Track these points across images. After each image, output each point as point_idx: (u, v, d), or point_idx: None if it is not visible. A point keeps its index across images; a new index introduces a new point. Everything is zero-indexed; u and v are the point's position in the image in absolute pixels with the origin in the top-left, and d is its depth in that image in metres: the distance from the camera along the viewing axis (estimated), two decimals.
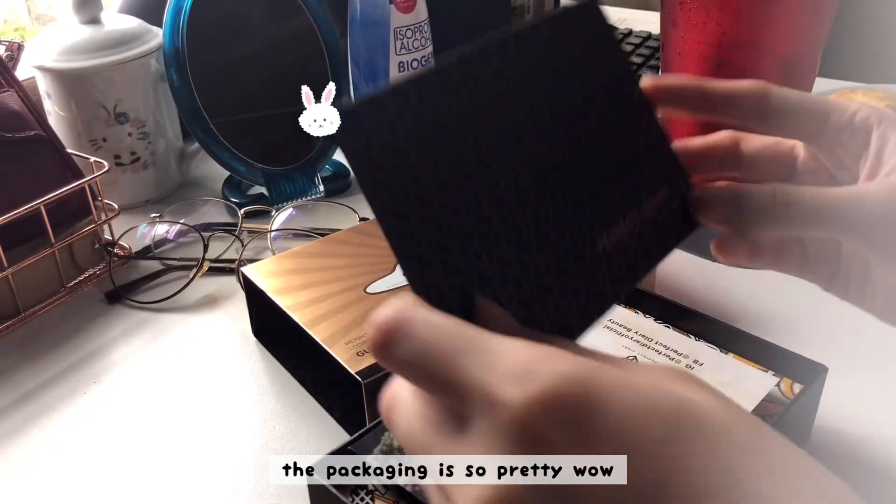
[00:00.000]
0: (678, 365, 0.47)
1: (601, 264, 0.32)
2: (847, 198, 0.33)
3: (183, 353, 0.58)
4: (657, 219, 0.35)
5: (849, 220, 0.32)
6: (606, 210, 0.33)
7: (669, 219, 0.35)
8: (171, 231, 0.70)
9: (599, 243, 0.32)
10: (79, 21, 0.71)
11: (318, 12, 0.76)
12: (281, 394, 0.53)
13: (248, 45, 0.75)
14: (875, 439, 0.47)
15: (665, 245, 0.35)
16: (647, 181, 0.35)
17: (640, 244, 0.34)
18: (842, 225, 0.33)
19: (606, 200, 0.33)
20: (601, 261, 0.32)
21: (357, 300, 0.52)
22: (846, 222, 0.33)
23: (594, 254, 0.32)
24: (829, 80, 0.86)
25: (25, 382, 0.55)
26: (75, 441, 0.50)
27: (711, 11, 0.57)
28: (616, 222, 0.33)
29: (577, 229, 0.31)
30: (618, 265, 0.32)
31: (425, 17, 0.71)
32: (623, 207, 0.33)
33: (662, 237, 0.35)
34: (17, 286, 0.59)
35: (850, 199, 0.33)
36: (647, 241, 0.34)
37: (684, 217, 0.36)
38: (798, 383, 0.45)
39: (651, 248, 0.34)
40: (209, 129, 0.71)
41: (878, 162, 0.34)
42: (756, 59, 0.58)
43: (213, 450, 0.49)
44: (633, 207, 0.34)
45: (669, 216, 0.35)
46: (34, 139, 0.63)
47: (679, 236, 0.36)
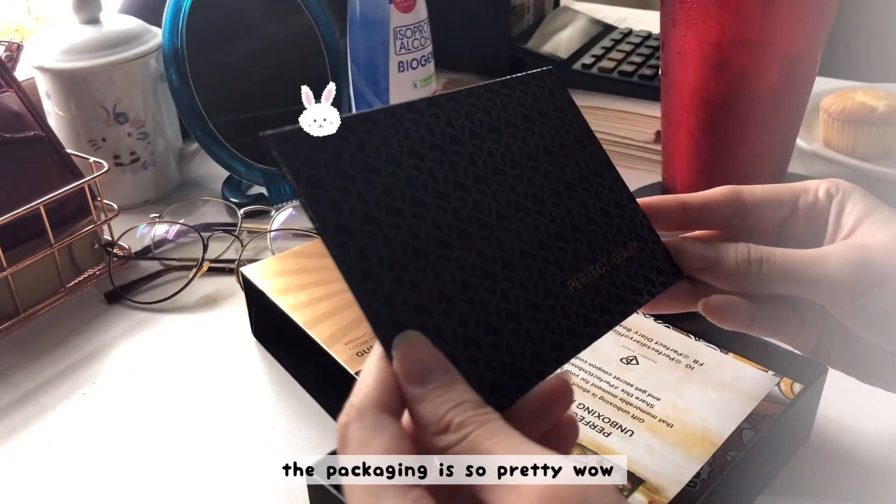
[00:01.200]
0: (678, 365, 0.47)
1: (573, 303, 0.33)
2: (811, 258, 0.36)
3: (182, 353, 0.58)
4: (630, 268, 0.36)
5: (813, 277, 0.36)
6: (574, 255, 0.34)
7: (643, 269, 0.37)
8: (170, 231, 0.70)
9: (570, 284, 0.33)
10: (78, 21, 0.71)
11: (317, 12, 0.76)
12: (281, 394, 0.53)
13: (247, 45, 0.75)
14: (875, 439, 0.47)
15: (640, 293, 0.37)
16: (614, 234, 0.37)
17: (613, 290, 0.35)
18: (808, 282, 0.36)
19: (574, 246, 0.34)
20: (573, 300, 0.33)
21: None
22: (811, 280, 0.36)
23: (565, 293, 0.33)
24: (829, 80, 0.86)
25: (25, 383, 0.55)
26: (75, 441, 0.50)
27: (711, 10, 0.57)
28: (585, 267, 0.34)
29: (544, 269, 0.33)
30: (591, 306, 0.34)
31: (425, 17, 0.71)
32: (592, 254, 0.35)
33: (637, 286, 0.36)
34: (17, 286, 0.59)
35: (813, 259, 0.36)
36: (620, 287, 0.36)
37: (665, 267, 0.38)
38: (798, 383, 0.45)
39: (625, 294, 0.36)
40: (209, 129, 0.71)
41: (837, 227, 0.38)
42: (756, 59, 0.58)
43: (212, 450, 0.49)
44: (601, 257, 0.35)
45: (642, 267, 0.37)
46: (34, 139, 0.63)
47: (664, 284, 0.38)
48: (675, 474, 0.40)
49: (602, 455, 0.42)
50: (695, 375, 0.46)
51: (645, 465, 0.41)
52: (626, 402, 0.45)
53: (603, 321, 0.34)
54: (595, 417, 0.44)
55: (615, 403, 0.45)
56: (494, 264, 0.31)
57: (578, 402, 0.45)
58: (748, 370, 0.47)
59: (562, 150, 0.37)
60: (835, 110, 0.74)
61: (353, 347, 0.48)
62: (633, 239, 0.37)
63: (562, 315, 0.32)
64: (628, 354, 0.48)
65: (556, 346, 0.31)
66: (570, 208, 0.35)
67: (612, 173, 0.38)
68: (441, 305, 0.28)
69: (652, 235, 0.39)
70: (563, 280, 0.33)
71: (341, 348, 0.48)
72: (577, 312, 0.33)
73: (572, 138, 0.38)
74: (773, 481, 0.45)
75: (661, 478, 0.40)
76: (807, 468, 0.46)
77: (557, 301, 0.32)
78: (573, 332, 0.32)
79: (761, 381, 0.46)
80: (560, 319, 0.32)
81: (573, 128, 0.38)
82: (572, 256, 0.34)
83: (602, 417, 0.44)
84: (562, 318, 0.32)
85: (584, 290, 0.34)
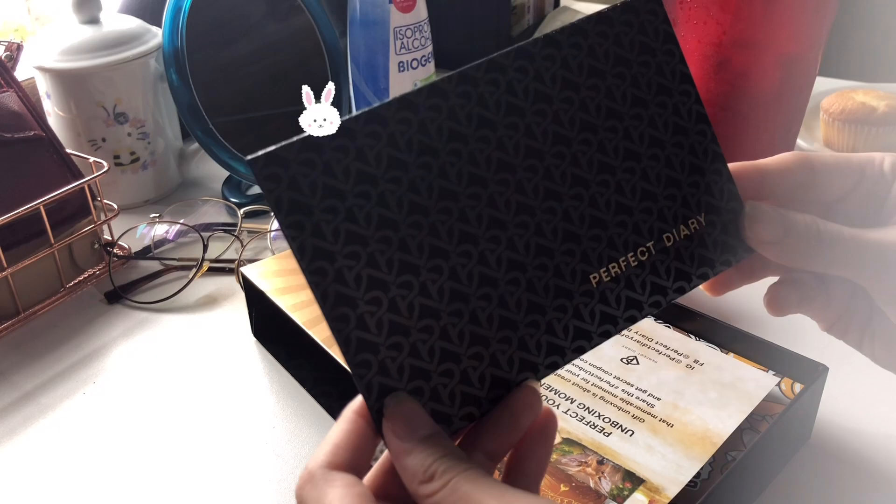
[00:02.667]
0: (679, 365, 0.47)
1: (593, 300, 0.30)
2: (883, 242, 0.33)
3: (182, 353, 0.58)
4: (685, 248, 0.32)
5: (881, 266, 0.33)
6: (611, 243, 0.31)
7: (700, 249, 0.33)
8: (170, 231, 0.70)
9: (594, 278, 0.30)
10: (78, 21, 0.71)
11: (317, 12, 0.76)
12: (281, 394, 0.53)
13: (247, 45, 0.75)
14: (875, 439, 0.47)
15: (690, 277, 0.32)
16: (676, 208, 0.32)
17: (653, 278, 0.31)
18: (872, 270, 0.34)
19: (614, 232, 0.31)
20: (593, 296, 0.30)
21: None
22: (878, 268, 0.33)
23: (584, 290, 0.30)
24: (829, 80, 0.86)
25: (24, 383, 0.55)
26: (75, 441, 0.50)
27: (711, 10, 0.57)
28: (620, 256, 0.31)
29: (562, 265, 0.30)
30: (615, 301, 0.31)
31: (425, 17, 0.71)
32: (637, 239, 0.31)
33: (686, 270, 0.32)
34: (17, 286, 0.59)
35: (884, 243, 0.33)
36: (662, 275, 0.32)
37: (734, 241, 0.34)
38: (798, 383, 0.45)
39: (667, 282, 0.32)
40: (209, 129, 0.71)
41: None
42: (756, 58, 0.58)
43: (212, 450, 0.49)
44: (647, 240, 0.31)
45: (701, 246, 0.33)
46: (34, 139, 0.63)
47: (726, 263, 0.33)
48: (675, 474, 0.40)
49: (602, 455, 0.42)
50: (695, 375, 0.46)
51: (645, 464, 0.41)
52: (627, 402, 0.45)
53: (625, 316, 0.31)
54: (595, 417, 0.44)
55: (615, 403, 0.45)
56: (497, 269, 0.28)
57: (579, 402, 0.45)
58: (748, 370, 0.47)
59: (633, 109, 0.31)
60: (835, 110, 0.74)
61: None
62: (701, 211, 0.33)
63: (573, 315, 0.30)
64: (629, 354, 0.48)
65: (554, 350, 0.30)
66: (624, 184, 0.31)
67: (698, 128, 0.33)
68: (422, 322, 0.27)
69: (731, 203, 0.33)
70: (585, 275, 0.30)
71: None
72: (592, 311, 0.30)
73: (655, 88, 0.32)
74: (773, 481, 0.45)
75: (662, 478, 0.40)
76: (807, 468, 0.46)
77: (571, 300, 0.30)
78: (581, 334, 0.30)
79: (761, 381, 0.46)
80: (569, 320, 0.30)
81: (659, 73, 0.32)
82: (607, 245, 0.30)
83: (602, 417, 0.44)
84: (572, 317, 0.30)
85: (612, 283, 0.30)
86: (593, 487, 0.40)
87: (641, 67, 0.32)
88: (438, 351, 0.28)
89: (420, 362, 0.28)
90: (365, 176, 0.27)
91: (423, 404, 0.28)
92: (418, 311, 0.28)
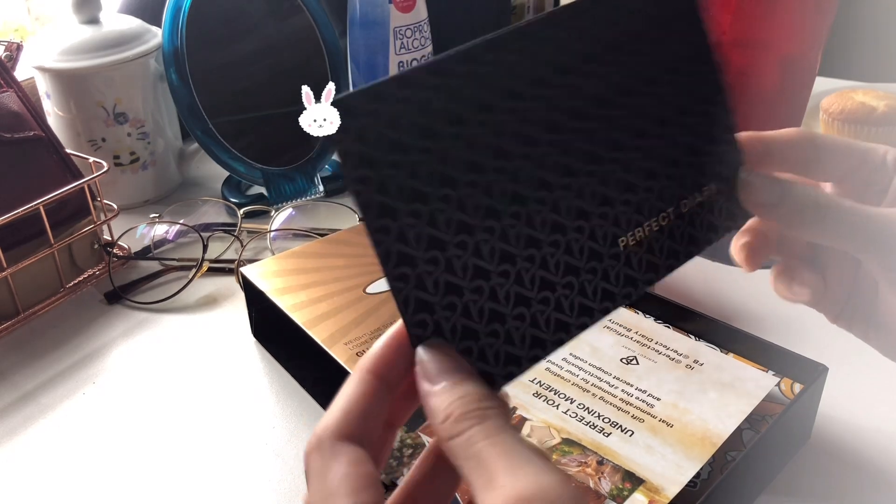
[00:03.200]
0: (678, 365, 0.47)
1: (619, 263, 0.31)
2: (882, 214, 0.34)
3: (182, 353, 0.58)
4: (697, 215, 0.33)
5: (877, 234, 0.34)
6: (638, 207, 0.31)
7: (710, 216, 0.34)
8: (170, 231, 0.70)
9: (622, 242, 0.31)
10: (78, 21, 0.71)
11: (317, 12, 0.76)
12: (281, 394, 0.53)
13: (247, 45, 0.75)
14: (875, 439, 0.47)
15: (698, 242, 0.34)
16: (695, 175, 0.33)
17: (670, 243, 0.32)
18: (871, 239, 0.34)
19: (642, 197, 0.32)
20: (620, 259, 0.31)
21: (356, 300, 0.52)
22: (875, 237, 0.34)
23: (614, 253, 0.31)
24: (829, 80, 0.86)
25: (24, 383, 0.55)
26: (74, 441, 0.50)
27: (711, 10, 0.57)
28: (646, 220, 0.32)
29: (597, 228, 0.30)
30: (637, 264, 0.31)
31: (425, 17, 0.71)
32: (660, 204, 0.32)
33: (696, 235, 0.33)
34: (17, 286, 0.59)
35: (884, 216, 0.34)
36: (678, 239, 0.33)
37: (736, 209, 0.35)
38: (798, 383, 0.45)
39: (680, 246, 0.33)
40: (208, 129, 0.71)
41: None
42: (756, 58, 0.58)
43: (212, 450, 0.49)
44: (669, 205, 0.32)
45: (710, 213, 0.34)
46: (33, 139, 0.63)
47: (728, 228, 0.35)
48: (675, 474, 0.40)
49: (602, 455, 0.42)
50: (695, 375, 0.46)
51: (645, 465, 0.41)
52: (626, 402, 0.45)
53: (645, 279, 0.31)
54: (595, 417, 0.44)
55: (615, 403, 0.45)
56: (542, 230, 0.29)
57: (578, 403, 0.45)
58: (748, 370, 0.47)
59: (666, 75, 0.32)
60: (835, 110, 0.74)
61: (353, 347, 0.48)
62: (713, 179, 0.34)
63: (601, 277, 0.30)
64: (628, 354, 0.48)
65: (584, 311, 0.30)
66: (655, 150, 0.32)
67: (718, 98, 0.34)
68: (474, 283, 0.27)
69: (735, 171, 0.35)
70: (615, 238, 0.31)
71: (341, 348, 0.48)
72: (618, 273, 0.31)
73: (683, 58, 0.33)
74: (773, 481, 0.45)
75: (661, 478, 0.40)
76: (807, 468, 0.46)
77: (601, 263, 0.30)
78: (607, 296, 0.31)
79: (761, 381, 0.46)
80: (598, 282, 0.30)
81: (685, 43, 0.33)
82: (635, 210, 0.31)
83: (602, 417, 0.44)
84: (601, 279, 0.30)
85: (636, 247, 0.31)
86: (593, 488, 0.40)
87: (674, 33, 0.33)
88: (487, 311, 0.28)
89: (471, 322, 0.28)
90: (427, 131, 0.27)
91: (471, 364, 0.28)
92: (472, 271, 0.28)
